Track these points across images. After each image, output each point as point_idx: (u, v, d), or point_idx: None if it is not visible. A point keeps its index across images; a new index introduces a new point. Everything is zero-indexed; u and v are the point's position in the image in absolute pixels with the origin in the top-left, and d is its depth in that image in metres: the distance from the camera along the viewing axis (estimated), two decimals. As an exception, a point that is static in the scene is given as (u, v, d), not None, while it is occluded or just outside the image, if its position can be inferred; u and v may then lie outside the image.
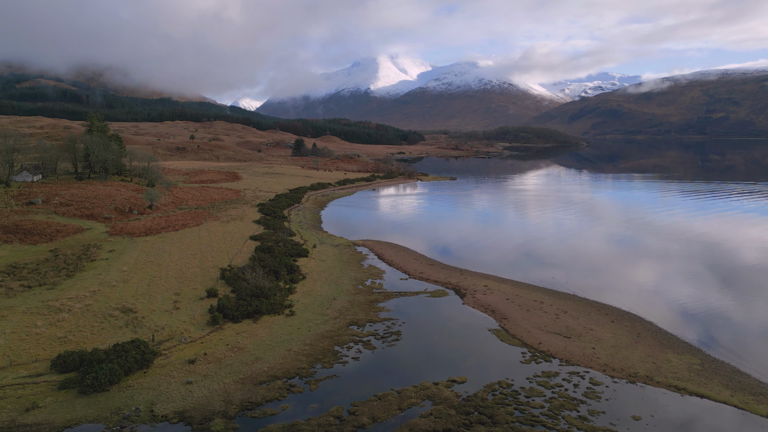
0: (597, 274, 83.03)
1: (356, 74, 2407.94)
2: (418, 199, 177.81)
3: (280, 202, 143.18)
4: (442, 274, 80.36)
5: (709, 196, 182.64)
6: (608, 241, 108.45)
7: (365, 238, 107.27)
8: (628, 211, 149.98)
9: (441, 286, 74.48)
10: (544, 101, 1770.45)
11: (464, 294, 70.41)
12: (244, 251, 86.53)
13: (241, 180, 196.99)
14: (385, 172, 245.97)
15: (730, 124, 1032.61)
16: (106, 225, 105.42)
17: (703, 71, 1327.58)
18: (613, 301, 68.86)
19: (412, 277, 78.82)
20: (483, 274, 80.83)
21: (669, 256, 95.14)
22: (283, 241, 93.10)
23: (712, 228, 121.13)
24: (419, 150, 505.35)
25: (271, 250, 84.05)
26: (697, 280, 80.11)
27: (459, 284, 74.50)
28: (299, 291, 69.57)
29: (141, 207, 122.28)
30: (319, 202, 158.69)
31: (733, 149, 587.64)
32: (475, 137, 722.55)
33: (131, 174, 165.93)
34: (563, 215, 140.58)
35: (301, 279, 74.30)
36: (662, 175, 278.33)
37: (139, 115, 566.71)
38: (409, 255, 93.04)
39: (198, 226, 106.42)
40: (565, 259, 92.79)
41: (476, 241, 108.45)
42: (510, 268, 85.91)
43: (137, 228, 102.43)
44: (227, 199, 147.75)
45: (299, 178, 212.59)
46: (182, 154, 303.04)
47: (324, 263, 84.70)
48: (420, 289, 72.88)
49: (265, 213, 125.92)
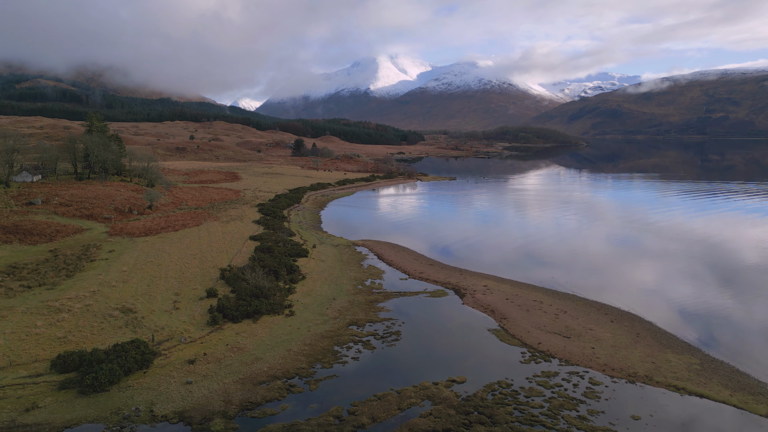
0: (596, 274, 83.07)
1: (356, 74, 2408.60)
2: (418, 199, 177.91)
3: (280, 203, 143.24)
4: (441, 274, 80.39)
5: (709, 195, 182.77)
6: (608, 241, 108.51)
7: (365, 238, 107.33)
8: (628, 210, 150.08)
9: (441, 286, 74.51)
10: (544, 101, 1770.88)
11: (464, 294, 70.43)
12: (244, 251, 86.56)
13: (241, 180, 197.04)
14: (385, 172, 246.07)
15: (730, 124, 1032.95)
16: (105, 225, 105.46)
17: (703, 71, 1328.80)
18: (612, 301, 68.91)
19: (411, 277, 78.84)
20: (483, 274, 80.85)
21: (668, 255, 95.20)
22: (282, 241, 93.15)
23: (711, 228, 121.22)
24: (419, 150, 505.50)
25: (271, 250, 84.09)
26: (697, 279, 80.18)
27: (459, 284, 74.52)
28: (299, 291, 69.59)
29: (141, 207, 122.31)
30: (318, 203, 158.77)
31: (733, 149, 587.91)
32: (474, 137, 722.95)
33: (131, 174, 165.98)
34: (563, 215, 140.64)
35: (300, 279, 74.32)
36: (662, 175, 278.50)
37: (139, 115, 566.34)
38: (408, 255, 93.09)
39: (198, 227, 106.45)
40: (565, 259, 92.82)
41: (476, 242, 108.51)
42: (510, 268, 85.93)
43: (137, 228, 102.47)
44: (227, 199, 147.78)
45: (299, 178, 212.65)
46: (182, 155, 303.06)
47: (324, 263, 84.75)
48: (420, 289, 72.90)
49: (264, 213, 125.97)
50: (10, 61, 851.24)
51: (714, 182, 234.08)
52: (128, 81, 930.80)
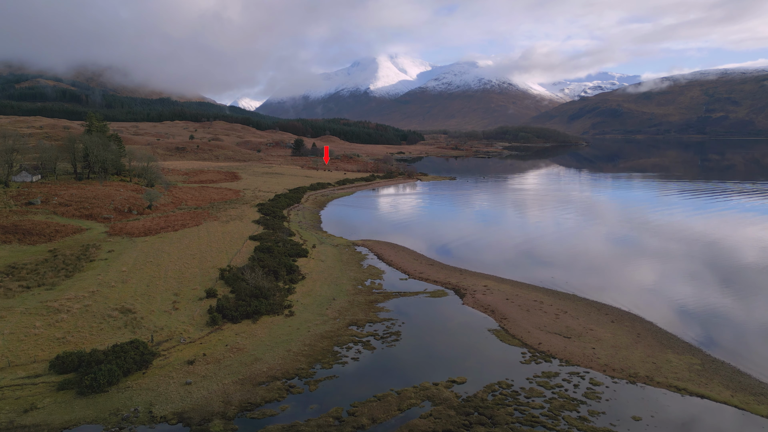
0: (597, 274, 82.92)
1: (356, 74, 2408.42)
2: (418, 199, 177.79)
3: (280, 202, 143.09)
4: (441, 274, 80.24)
5: (708, 195, 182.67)
6: (608, 241, 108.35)
7: (365, 238, 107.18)
8: (628, 210, 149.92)
9: (441, 286, 74.36)
10: (544, 101, 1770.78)
11: (464, 294, 70.29)
12: (244, 251, 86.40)
13: (241, 180, 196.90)
14: (385, 172, 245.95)
15: (730, 123, 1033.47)
16: (105, 225, 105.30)
17: (703, 71, 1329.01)
18: (612, 301, 68.76)
19: (411, 277, 78.69)
20: (483, 274, 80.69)
21: (669, 255, 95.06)
22: (282, 241, 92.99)
23: (711, 227, 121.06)
24: (419, 150, 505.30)
25: (271, 251, 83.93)
26: (697, 279, 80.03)
27: (459, 284, 74.38)
28: (298, 291, 69.44)
29: (140, 207, 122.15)
30: (318, 202, 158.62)
31: (733, 149, 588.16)
32: (474, 137, 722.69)
33: (131, 174, 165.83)
34: (563, 215, 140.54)
35: (300, 279, 74.17)
36: (662, 174, 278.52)
37: (139, 115, 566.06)
38: (408, 255, 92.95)
39: (197, 226, 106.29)
40: (565, 258, 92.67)
41: (476, 241, 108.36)
42: (510, 267, 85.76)
43: (136, 228, 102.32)
44: (227, 199, 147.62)
45: (299, 178, 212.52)
46: (182, 154, 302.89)
47: (323, 263, 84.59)
48: (420, 289, 72.75)
49: (264, 213, 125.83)
50: (10, 61, 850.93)
51: (713, 182, 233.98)
52: (128, 81, 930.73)
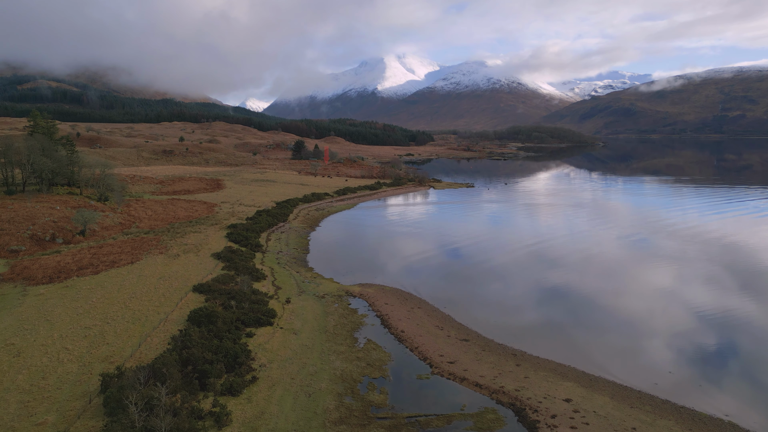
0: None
1: (364, 74, 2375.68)
2: (434, 215, 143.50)
3: (260, 222, 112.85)
4: (486, 364, 49.10)
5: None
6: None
7: (363, 281, 76.53)
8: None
9: (488, 396, 43.37)
10: (554, 100, 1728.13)
11: (535, 424, 39.26)
12: (173, 319, 55.93)
13: (223, 190, 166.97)
14: (393, 178, 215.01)
15: (747, 122, 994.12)
16: (5, 263, 75.90)
17: (717, 69, 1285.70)
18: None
19: (436, 372, 47.82)
20: (558, 364, 48.97)
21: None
22: (239, 295, 62.56)
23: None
24: (428, 151, 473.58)
25: (214, 319, 53.62)
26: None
27: (519, 395, 43.10)
28: (237, 419, 38.84)
29: (69, 233, 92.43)
30: (310, 220, 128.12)
31: (751, 148, 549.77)
32: (486, 137, 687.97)
33: (85, 185, 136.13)
34: (669, 244, 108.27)
35: (248, 384, 43.57)
36: (746, 179, 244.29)
37: (137, 116, 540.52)
38: (426, 315, 62.38)
39: (131, 265, 76.18)
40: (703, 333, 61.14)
41: (532, 290, 74.44)
42: (607, 349, 54.16)
43: (45, 268, 72.83)
44: (194, 217, 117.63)
45: (292, 186, 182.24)
46: (168, 158, 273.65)
47: (296, 338, 54.09)
48: (452, 406, 41.96)
49: (234, 239, 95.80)
50: (13, 63, 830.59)
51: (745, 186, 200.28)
52: (132, 81, 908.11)
